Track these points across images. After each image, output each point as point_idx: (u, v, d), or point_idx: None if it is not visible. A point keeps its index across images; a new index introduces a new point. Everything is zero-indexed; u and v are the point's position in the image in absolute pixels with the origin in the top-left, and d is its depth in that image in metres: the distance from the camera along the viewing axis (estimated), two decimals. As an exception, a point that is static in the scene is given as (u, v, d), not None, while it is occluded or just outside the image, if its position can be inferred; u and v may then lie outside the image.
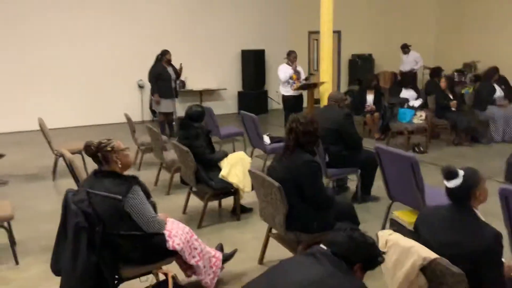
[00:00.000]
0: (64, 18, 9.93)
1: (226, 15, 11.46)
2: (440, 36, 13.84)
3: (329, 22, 7.77)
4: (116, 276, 2.83)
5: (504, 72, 9.61)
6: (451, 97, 7.76)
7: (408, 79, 8.67)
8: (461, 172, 2.28)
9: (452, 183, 2.27)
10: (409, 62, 11.23)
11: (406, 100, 8.11)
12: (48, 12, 9.80)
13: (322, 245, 2.01)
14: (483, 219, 2.26)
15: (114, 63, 10.45)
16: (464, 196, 2.26)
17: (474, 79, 10.62)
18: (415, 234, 2.47)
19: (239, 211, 4.66)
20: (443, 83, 7.85)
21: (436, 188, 4.00)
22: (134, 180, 2.80)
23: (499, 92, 7.96)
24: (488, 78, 8.20)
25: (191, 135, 4.52)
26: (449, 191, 2.30)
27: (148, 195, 2.92)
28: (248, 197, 4.78)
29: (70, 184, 3.78)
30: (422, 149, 7.23)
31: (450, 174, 2.29)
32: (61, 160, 5.59)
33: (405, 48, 11.37)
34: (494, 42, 12.31)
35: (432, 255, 2.10)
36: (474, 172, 2.31)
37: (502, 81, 8.93)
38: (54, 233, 2.85)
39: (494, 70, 8.15)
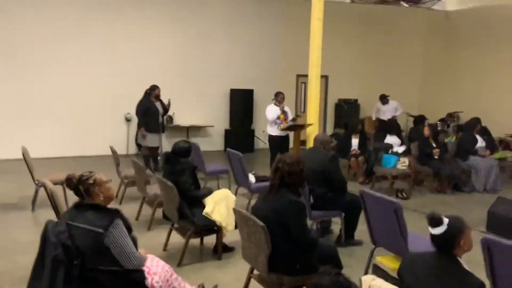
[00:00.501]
0: (52, 48, 9.98)
1: (217, 54, 11.67)
2: (424, 85, 14.25)
3: (317, 67, 7.96)
4: (92, 313, 2.73)
5: (486, 123, 9.88)
6: (434, 145, 7.90)
7: (392, 125, 8.83)
8: (445, 220, 2.30)
9: (437, 230, 2.29)
10: (389, 111, 11.51)
11: (390, 146, 8.23)
12: (35, 41, 9.84)
13: None
14: (467, 268, 2.27)
15: (102, 95, 10.46)
16: (448, 244, 2.27)
17: (456, 129, 10.88)
18: (398, 280, 2.45)
19: (221, 250, 4.59)
20: (426, 131, 8.01)
21: (420, 235, 4.02)
22: (117, 213, 2.76)
23: (480, 143, 8.14)
24: (470, 128, 8.39)
25: (176, 170, 4.49)
26: (434, 238, 2.31)
27: (129, 230, 2.87)
28: (231, 236, 4.71)
29: (50, 215, 3.70)
30: (405, 195, 7.28)
31: (434, 221, 2.31)
32: (42, 190, 5.49)
33: (384, 99, 11.68)
34: (477, 93, 12.70)
35: (415, 302, 2.09)
36: (459, 221, 2.33)
37: (484, 132, 9.15)
38: (31, 264, 2.76)
39: (476, 121, 8.36)
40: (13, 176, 7.96)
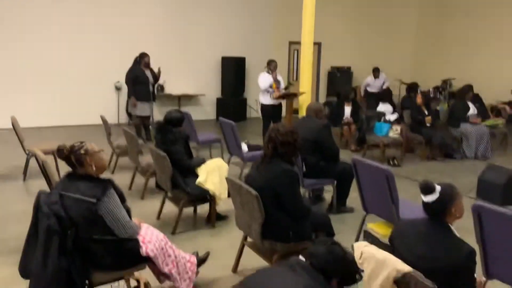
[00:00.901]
0: (40, 17, 9.73)
1: (208, 21, 11.46)
2: (417, 53, 14.17)
3: (310, 34, 7.85)
4: (87, 282, 2.76)
5: (478, 90, 9.89)
6: (426, 112, 7.92)
7: (385, 93, 8.81)
8: (438, 188, 2.31)
9: (429, 198, 2.31)
10: (378, 86, 11.52)
11: (383, 114, 8.23)
12: (24, 11, 9.58)
13: (301, 257, 2.00)
14: (458, 235, 2.30)
15: (91, 64, 10.28)
16: (440, 211, 2.30)
17: (448, 96, 10.89)
18: (389, 247, 2.49)
19: (214, 219, 4.62)
20: (418, 99, 8.01)
21: (410, 202, 4.07)
22: (109, 183, 2.75)
23: (472, 110, 8.16)
24: (462, 96, 8.39)
25: (169, 140, 4.46)
26: (426, 205, 2.33)
27: (123, 199, 2.86)
28: (224, 205, 4.74)
29: (41, 185, 3.69)
30: (397, 162, 7.34)
31: (427, 188, 2.32)
32: (32, 160, 5.45)
33: (377, 72, 11.62)
34: (469, 61, 12.68)
35: (406, 268, 2.12)
36: (451, 188, 2.35)
37: (476, 99, 9.17)
38: (24, 235, 2.76)
39: (468, 88, 8.35)
40: (3, 146, 7.89)
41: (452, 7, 13.34)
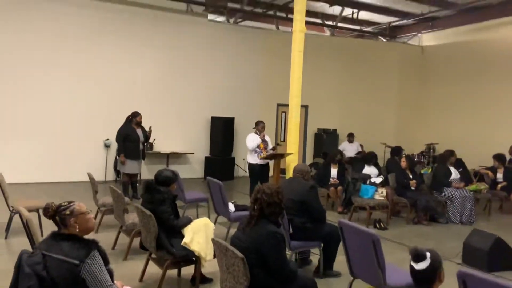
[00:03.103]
0: (30, 73, 9.92)
1: (199, 81, 11.77)
2: (400, 117, 14.58)
3: (297, 97, 8.12)
4: None
5: (461, 155, 10.11)
6: (411, 176, 8.04)
7: (371, 156, 8.97)
8: (428, 254, 2.34)
9: (421, 266, 2.32)
10: (353, 149, 12.08)
11: (369, 176, 8.33)
12: (13, 65, 9.77)
13: None
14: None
15: (80, 121, 10.38)
16: (431, 278, 2.31)
17: (432, 160, 11.11)
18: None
19: (199, 281, 4.52)
20: (403, 163, 8.16)
21: (397, 267, 4.05)
22: (94, 244, 2.71)
23: (454, 174, 8.29)
24: (443, 160, 8.57)
25: (156, 200, 4.44)
26: (417, 273, 2.33)
27: (106, 261, 2.81)
28: (209, 267, 4.66)
29: (24, 243, 3.62)
30: (383, 225, 7.34)
31: (418, 256, 2.34)
32: (16, 217, 5.36)
33: (351, 137, 12.30)
34: (451, 126, 13.08)
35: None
36: (437, 254, 2.38)
37: (459, 164, 9.35)
38: (1, 296, 2.69)
39: (449, 153, 8.54)
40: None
41: (433, 73, 13.95)
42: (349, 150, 11.97)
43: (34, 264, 2.55)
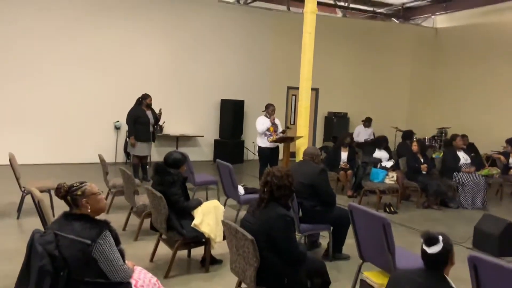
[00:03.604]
0: (39, 54, 9.94)
1: (209, 64, 11.71)
2: (413, 101, 14.43)
3: (308, 80, 8.04)
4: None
5: (473, 140, 10.00)
6: (422, 160, 7.98)
7: (381, 140, 8.90)
8: (440, 238, 2.31)
9: (434, 249, 2.29)
10: (366, 134, 11.75)
11: (379, 160, 8.28)
12: (25, 49, 9.80)
13: None
14: (454, 286, 2.28)
15: (91, 103, 10.42)
16: (442, 261, 2.29)
17: (444, 145, 11.01)
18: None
19: (209, 262, 4.56)
20: (414, 147, 8.09)
21: (407, 251, 4.04)
22: (105, 225, 2.73)
23: (463, 160, 8.19)
24: (450, 145, 8.49)
25: (166, 182, 4.46)
26: (429, 256, 2.31)
27: (117, 242, 2.83)
28: (219, 248, 4.70)
29: (35, 223, 3.66)
30: (393, 209, 7.32)
31: (431, 240, 2.31)
32: (28, 198, 5.42)
33: (368, 122, 11.90)
34: (463, 110, 12.91)
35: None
36: (448, 237, 2.36)
37: (472, 149, 9.26)
38: (14, 273, 2.72)
39: (454, 137, 8.45)
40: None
41: (446, 55, 13.72)
42: (363, 134, 11.78)
43: (46, 243, 2.57)
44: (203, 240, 4.43)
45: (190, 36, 11.44)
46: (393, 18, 14.48)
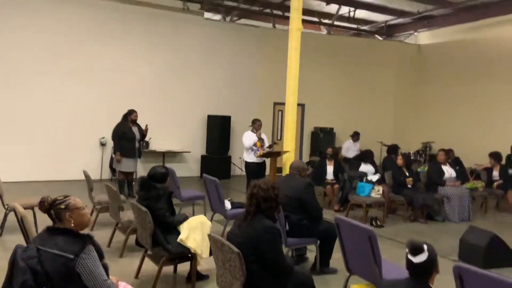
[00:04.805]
0: (26, 72, 9.87)
1: (196, 80, 11.75)
2: (396, 115, 14.61)
3: (294, 95, 8.11)
4: None
5: (458, 154, 10.13)
6: (407, 174, 8.04)
7: (367, 154, 8.97)
8: (425, 247, 2.33)
9: (419, 258, 2.30)
10: (355, 150, 11.74)
11: (365, 174, 8.33)
12: (10, 65, 9.72)
13: None
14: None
15: (76, 119, 10.34)
16: (429, 270, 2.30)
17: (428, 159, 11.13)
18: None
19: (195, 278, 4.50)
20: (400, 160, 8.16)
21: (393, 264, 4.05)
22: (89, 239, 2.69)
23: (447, 173, 8.28)
24: (435, 160, 8.58)
25: (152, 196, 4.42)
26: (415, 265, 2.31)
27: (101, 256, 2.79)
28: (205, 264, 4.65)
29: (18, 240, 3.58)
30: (379, 223, 7.35)
31: (416, 249, 2.32)
32: (11, 216, 5.32)
33: (357, 136, 11.87)
34: (447, 124, 13.10)
35: (389, 330, 2.09)
36: (432, 246, 2.37)
37: (456, 162, 9.37)
38: (-4, 291, 2.66)
39: (438, 152, 8.58)
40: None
41: (429, 71, 13.96)
42: (352, 149, 11.81)
43: (28, 258, 2.53)
44: (189, 255, 4.38)
45: (177, 52, 11.49)
46: (376, 35, 14.75)
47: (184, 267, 4.64)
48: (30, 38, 9.88)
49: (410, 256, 2.32)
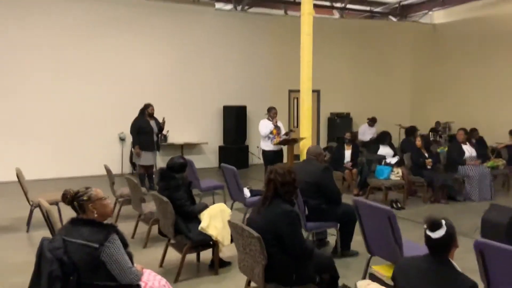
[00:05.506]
0: (45, 69, 10.06)
1: (210, 71, 11.79)
2: (414, 97, 14.44)
3: (308, 81, 8.06)
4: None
5: (481, 132, 9.98)
6: (427, 155, 7.97)
7: (384, 135, 8.91)
8: (443, 222, 2.32)
9: (438, 234, 2.30)
10: (371, 133, 11.71)
11: (383, 157, 8.29)
12: (29, 62, 9.91)
13: None
14: (459, 269, 2.29)
15: (95, 116, 10.50)
16: (448, 245, 2.30)
17: (448, 139, 10.99)
18: (393, 286, 2.48)
19: (218, 265, 4.58)
20: (418, 142, 8.09)
21: (415, 243, 4.04)
22: (112, 228, 2.77)
23: (468, 153, 8.18)
24: (455, 139, 8.48)
25: (171, 186, 4.50)
26: (434, 241, 2.32)
27: (125, 245, 2.87)
28: (228, 251, 4.72)
29: (44, 235, 3.69)
30: (400, 205, 7.31)
31: (435, 225, 2.32)
32: (36, 212, 5.47)
33: (373, 122, 11.91)
34: (466, 103, 12.89)
35: (409, 304, 2.11)
36: (450, 221, 2.37)
37: (480, 141, 9.24)
38: (25, 285, 2.75)
39: (459, 131, 8.47)
40: (7, 198, 7.92)
41: (446, 51, 13.71)
42: (369, 133, 11.78)
43: (54, 249, 2.61)
44: (211, 242, 4.45)
45: (189, 45, 11.53)
46: (390, 16, 14.53)
47: (207, 255, 4.71)
48: (45, 36, 10.04)
49: (428, 232, 2.33)
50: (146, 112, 8.45)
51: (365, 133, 11.75)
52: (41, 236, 3.91)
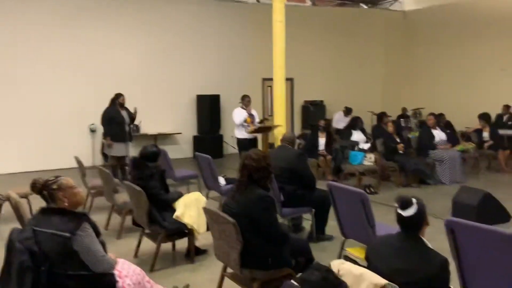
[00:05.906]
0: (13, 61, 9.74)
1: (182, 60, 11.64)
2: (386, 84, 14.63)
3: (281, 69, 8.08)
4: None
5: (448, 117, 10.21)
6: (398, 140, 8.11)
7: (356, 121, 9.02)
8: (414, 200, 2.37)
9: (409, 212, 2.35)
10: (345, 122, 11.75)
11: (356, 143, 8.39)
12: (-2, 55, 9.61)
13: (293, 282, 2.00)
14: (430, 246, 2.34)
15: (65, 107, 10.25)
16: (419, 223, 2.34)
17: (419, 125, 11.21)
18: (367, 265, 2.51)
19: (194, 253, 4.56)
20: (390, 127, 8.22)
21: (388, 225, 4.11)
22: (84, 217, 2.72)
23: (438, 138, 8.36)
24: (425, 124, 8.67)
25: (145, 175, 4.44)
26: (405, 219, 2.36)
27: (98, 233, 2.82)
28: (203, 239, 4.70)
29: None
30: (373, 190, 7.43)
31: (406, 203, 2.36)
32: (6, 206, 5.31)
33: (348, 111, 12.05)
34: (436, 90, 13.16)
35: (383, 281, 2.14)
36: (421, 199, 2.42)
37: (448, 126, 9.47)
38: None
39: (428, 116, 8.65)
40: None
41: (416, 37, 13.93)
42: (342, 121, 11.88)
43: (24, 239, 2.55)
44: (186, 231, 4.42)
45: (161, 34, 11.35)
46: (361, 4, 14.61)
47: (182, 244, 4.69)
48: (14, 27, 9.70)
49: (399, 210, 2.37)
50: (117, 102, 8.28)
51: (339, 121, 11.87)
52: (10, 229, 3.83)
